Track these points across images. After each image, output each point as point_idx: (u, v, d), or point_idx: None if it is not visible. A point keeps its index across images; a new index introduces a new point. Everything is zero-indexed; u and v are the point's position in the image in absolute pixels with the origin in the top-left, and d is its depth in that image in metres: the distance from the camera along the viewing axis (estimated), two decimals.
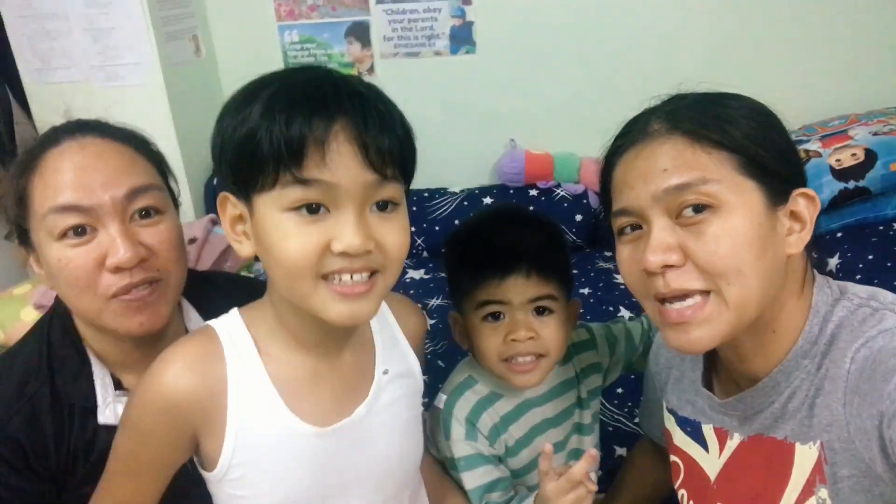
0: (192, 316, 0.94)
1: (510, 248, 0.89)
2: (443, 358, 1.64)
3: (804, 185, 0.70)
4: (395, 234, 0.65)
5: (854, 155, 1.83)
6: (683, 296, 0.67)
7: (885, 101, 2.11)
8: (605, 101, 2.34)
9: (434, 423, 0.97)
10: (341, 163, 0.60)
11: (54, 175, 0.79)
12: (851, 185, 1.80)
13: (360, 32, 2.49)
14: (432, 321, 1.94)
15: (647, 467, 1.06)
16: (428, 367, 1.11)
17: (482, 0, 2.37)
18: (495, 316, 0.90)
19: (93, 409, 0.84)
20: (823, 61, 2.19)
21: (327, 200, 0.61)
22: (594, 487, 0.81)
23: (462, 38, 2.43)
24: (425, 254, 2.35)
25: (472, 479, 0.92)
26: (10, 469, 0.79)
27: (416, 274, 2.22)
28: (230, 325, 0.72)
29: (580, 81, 2.39)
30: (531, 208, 2.16)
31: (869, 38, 2.15)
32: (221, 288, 0.97)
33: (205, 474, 0.74)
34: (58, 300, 0.89)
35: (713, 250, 0.66)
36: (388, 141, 0.62)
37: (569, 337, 0.96)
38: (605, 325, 1.06)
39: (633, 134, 0.72)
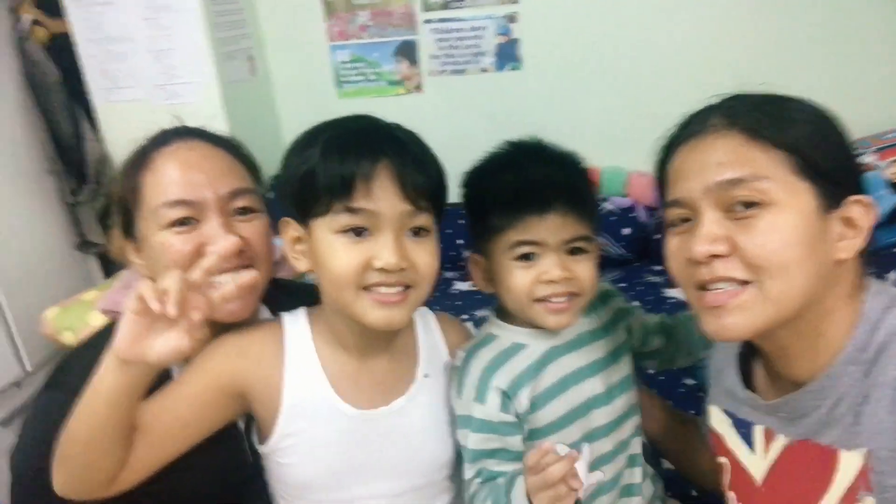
0: (266, 315, 1.00)
1: (546, 185, 0.83)
2: None
3: (861, 192, 0.70)
4: (425, 255, 0.79)
5: None
6: (723, 282, 0.70)
7: None
8: (651, 115, 2.32)
9: (450, 379, 0.92)
10: (383, 195, 0.74)
11: (165, 171, 0.87)
12: None
13: (408, 51, 2.55)
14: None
15: None
16: None
17: (527, 17, 2.40)
18: (528, 256, 0.84)
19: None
20: (877, 73, 2.14)
21: (370, 225, 0.75)
22: (578, 485, 0.74)
23: (508, 54, 2.46)
24: None
25: (474, 441, 0.86)
26: None
27: (463, 286, 2.24)
28: (295, 319, 0.87)
29: (626, 95, 2.39)
30: None
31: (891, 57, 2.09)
32: (293, 293, 1.02)
33: (261, 449, 0.86)
34: None
35: (761, 244, 0.67)
36: (423, 178, 0.76)
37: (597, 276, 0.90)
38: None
39: (691, 126, 0.73)
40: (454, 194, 0.86)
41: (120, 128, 2.38)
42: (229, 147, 0.94)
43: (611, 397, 0.90)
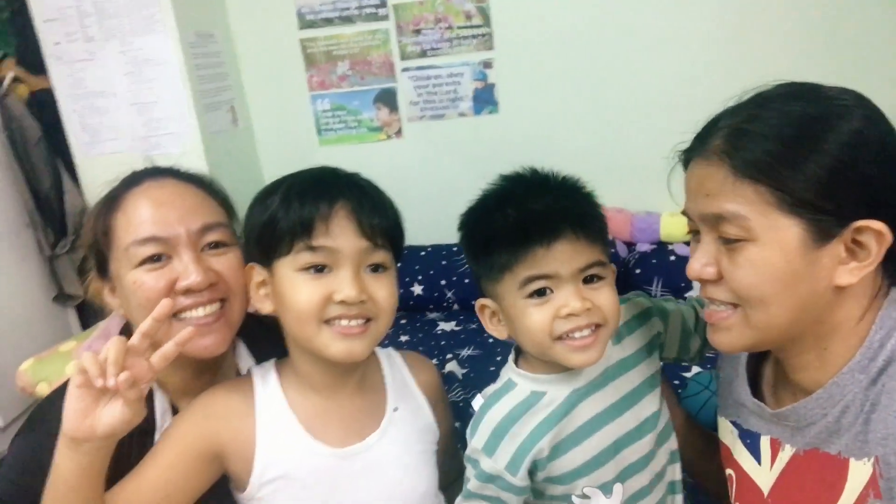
0: (242, 351, 1.00)
1: (551, 213, 0.78)
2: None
3: (887, 214, 0.65)
4: (384, 289, 0.82)
5: None
6: (714, 302, 0.73)
7: None
8: (627, 153, 2.40)
9: (471, 422, 0.88)
10: (341, 233, 0.78)
11: (136, 211, 0.87)
12: None
13: (387, 98, 2.61)
14: (464, 370, 1.95)
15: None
16: (458, 414, 1.12)
17: (502, 62, 2.47)
18: (541, 292, 0.78)
19: (150, 431, 0.89)
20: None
21: (331, 262, 0.79)
22: None
23: (485, 99, 2.53)
24: (456, 306, 2.37)
25: (473, 484, 0.85)
26: None
27: (447, 326, 2.24)
28: (265, 372, 0.88)
29: (601, 134, 2.45)
30: None
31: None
32: (270, 327, 1.02)
33: (237, 495, 0.86)
34: (123, 329, 0.96)
35: (738, 277, 0.69)
36: (379, 218, 0.81)
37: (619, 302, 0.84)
38: (657, 299, 0.96)
39: (701, 143, 0.73)
40: (436, 236, 0.87)
41: (101, 180, 2.37)
42: (201, 183, 0.95)
43: (642, 432, 0.85)
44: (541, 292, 0.78)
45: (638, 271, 2.27)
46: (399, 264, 0.88)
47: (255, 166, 2.77)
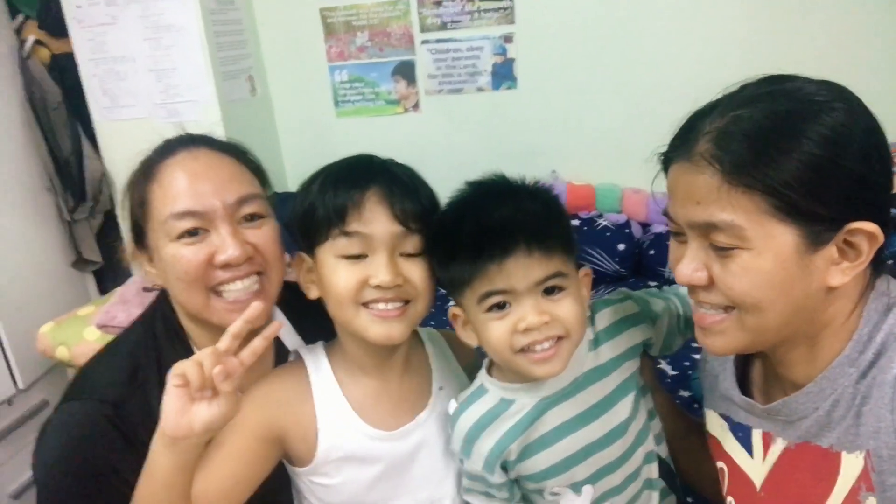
0: (280, 318, 1.02)
1: (504, 226, 0.77)
2: None
3: (876, 215, 0.65)
4: (420, 271, 0.83)
5: None
6: (705, 305, 0.72)
7: None
8: (646, 132, 2.34)
9: (450, 421, 0.91)
10: (374, 219, 0.80)
11: (172, 183, 0.88)
12: None
13: (405, 71, 2.59)
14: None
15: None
16: None
17: (522, 37, 2.44)
18: (500, 306, 0.78)
19: None
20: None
21: (366, 248, 0.81)
22: None
23: (504, 74, 2.50)
24: None
25: (464, 481, 0.90)
26: (125, 441, 0.86)
27: None
28: (316, 356, 0.91)
29: (620, 113, 2.42)
30: None
31: None
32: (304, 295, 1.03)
33: (294, 469, 0.89)
34: (159, 300, 0.98)
35: (732, 284, 0.68)
36: (411, 203, 0.82)
37: (586, 310, 0.84)
38: (645, 297, 0.95)
39: (683, 146, 0.70)
40: None
41: (120, 146, 2.41)
42: (235, 153, 0.95)
43: (612, 438, 0.86)
44: (500, 306, 0.78)
45: (652, 252, 2.25)
46: None
47: (273, 136, 2.77)
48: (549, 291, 0.79)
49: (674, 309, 0.95)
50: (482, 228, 0.78)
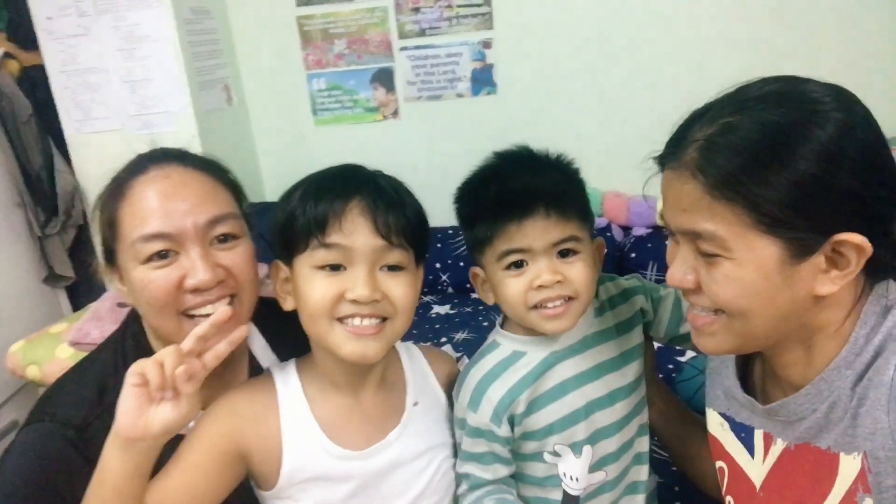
0: (255, 335, 0.99)
1: (526, 190, 0.84)
2: None
3: (867, 226, 0.63)
4: (400, 288, 0.80)
5: None
6: (696, 307, 0.73)
7: None
8: (626, 136, 2.38)
9: (457, 383, 0.95)
10: (355, 230, 0.78)
11: (141, 203, 0.84)
12: None
13: (384, 78, 2.57)
14: (458, 354, 1.95)
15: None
16: None
17: (501, 43, 2.44)
18: (518, 265, 0.85)
19: None
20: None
21: (345, 260, 0.78)
22: None
23: (483, 79, 2.50)
24: (450, 290, 2.37)
25: (466, 443, 0.90)
26: (88, 465, 0.81)
27: (442, 309, 2.24)
28: (286, 373, 0.88)
29: (600, 117, 2.43)
30: None
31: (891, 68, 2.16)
32: (283, 311, 1.01)
33: (260, 492, 0.86)
34: (129, 319, 0.95)
35: (717, 291, 0.68)
36: (395, 217, 0.79)
37: (597, 277, 0.90)
38: (653, 284, 1.00)
39: (674, 151, 0.70)
40: (432, 219, 0.86)
41: (92, 159, 2.36)
42: (210, 169, 0.92)
43: (613, 400, 0.91)
44: (518, 264, 0.85)
45: (633, 255, 2.26)
46: (422, 264, 0.87)
47: (250, 146, 2.74)
48: (564, 254, 0.85)
49: (681, 294, 0.96)
50: (505, 191, 0.85)
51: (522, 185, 0.85)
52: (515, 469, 0.93)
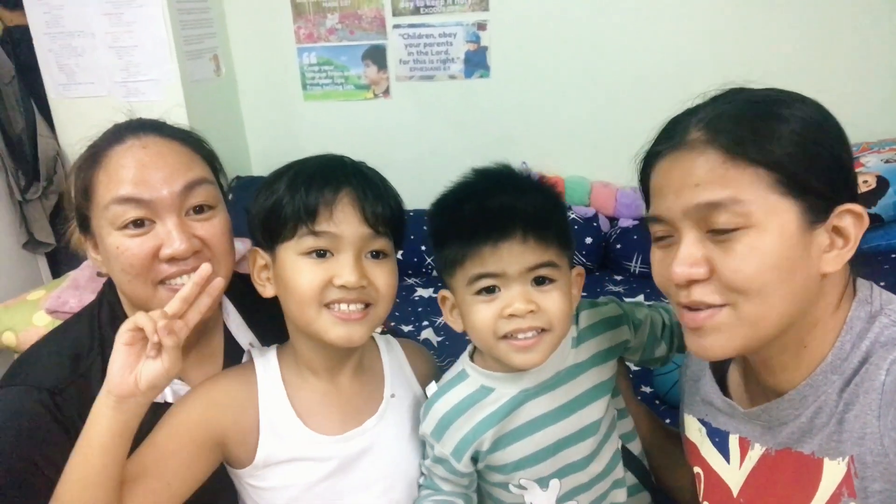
0: (231, 311, 0.99)
1: (503, 210, 0.78)
2: None
3: (854, 200, 0.67)
4: (384, 275, 0.83)
5: (866, 182, 1.84)
6: (701, 306, 0.69)
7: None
8: (616, 127, 2.37)
9: (424, 406, 0.91)
10: (344, 220, 0.79)
11: (118, 170, 0.84)
12: None
13: (376, 55, 2.54)
14: (440, 338, 1.95)
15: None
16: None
17: (496, 26, 2.42)
18: (490, 290, 0.79)
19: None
20: (834, 91, 2.21)
21: (332, 247, 0.80)
22: None
23: (476, 62, 2.48)
24: (434, 273, 2.36)
25: (427, 461, 0.90)
26: (61, 429, 0.83)
27: (425, 292, 2.24)
28: (266, 359, 0.89)
29: (592, 107, 2.42)
30: None
31: (880, 69, 2.16)
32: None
33: (233, 471, 0.87)
34: (106, 288, 0.94)
35: (738, 268, 0.66)
36: (381, 207, 0.82)
37: (574, 308, 0.85)
38: (629, 305, 0.95)
39: (672, 140, 0.70)
40: (419, 201, 0.85)
41: (76, 124, 2.32)
42: (187, 140, 0.91)
43: (584, 436, 0.86)
44: (489, 290, 0.79)
45: (619, 246, 2.27)
46: (400, 252, 0.88)
47: (237, 118, 2.71)
48: (540, 282, 0.79)
49: (658, 317, 0.95)
50: (482, 211, 0.79)
51: (500, 204, 0.79)
52: (484, 491, 0.92)
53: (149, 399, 0.76)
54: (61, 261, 2.48)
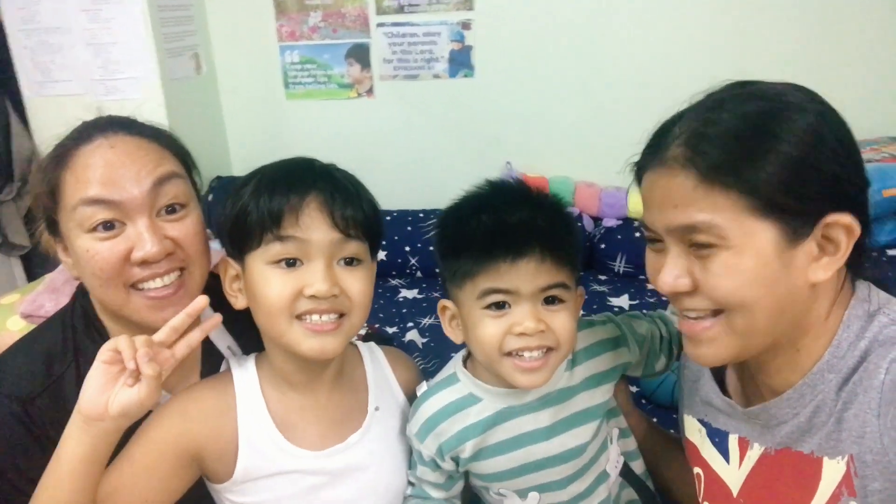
0: (208, 313, 0.96)
1: (522, 226, 0.77)
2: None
3: (852, 208, 0.65)
4: (358, 283, 0.79)
5: None
6: (693, 311, 0.70)
7: (876, 130, 2.14)
8: (600, 126, 2.38)
9: (413, 404, 0.91)
10: (312, 224, 0.76)
11: (85, 171, 0.81)
12: None
13: (360, 54, 2.52)
14: (424, 339, 1.94)
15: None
16: None
17: (481, 25, 2.41)
18: (500, 305, 0.78)
19: None
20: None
21: (301, 255, 0.76)
22: None
23: (461, 61, 2.46)
24: (419, 274, 2.35)
25: (413, 461, 0.90)
26: (32, 439, 0.81)
27: (410, 293, 2.22)
28: (244, 369, 0.86)
29: (576, 107, 2.42)
30: None
31: (860, 71, 2.19)
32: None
33: (212, 485, 0.85)
34: (79, 292, 0.91)
35: (717, 284, 0.66)
36: (352, 210, 0.78)
37: (577, 329, 0.84)
38: (629, 321, 0.95)
39: (656, 154, 0.70)
40: (402, 201, 0.83)
41: (53, 123, 2.24)
42: (157, 137, 0.88)
43: (566, 459, 0.85)
44: (499, 305, 0.79)
45: (603, 246, 2.27)
46: (376, 258, 0.85)
47: (218, 117, 2.67)
48: (550, 301, 0.79)
49: (657, 331, 0.95)
50: (501, 225, 0.78)
51: (519, 220, 0.78)
52: (475, 488, 0.91)
53: (119, 426, 0.73)
54: (36, 263, 2.43)
